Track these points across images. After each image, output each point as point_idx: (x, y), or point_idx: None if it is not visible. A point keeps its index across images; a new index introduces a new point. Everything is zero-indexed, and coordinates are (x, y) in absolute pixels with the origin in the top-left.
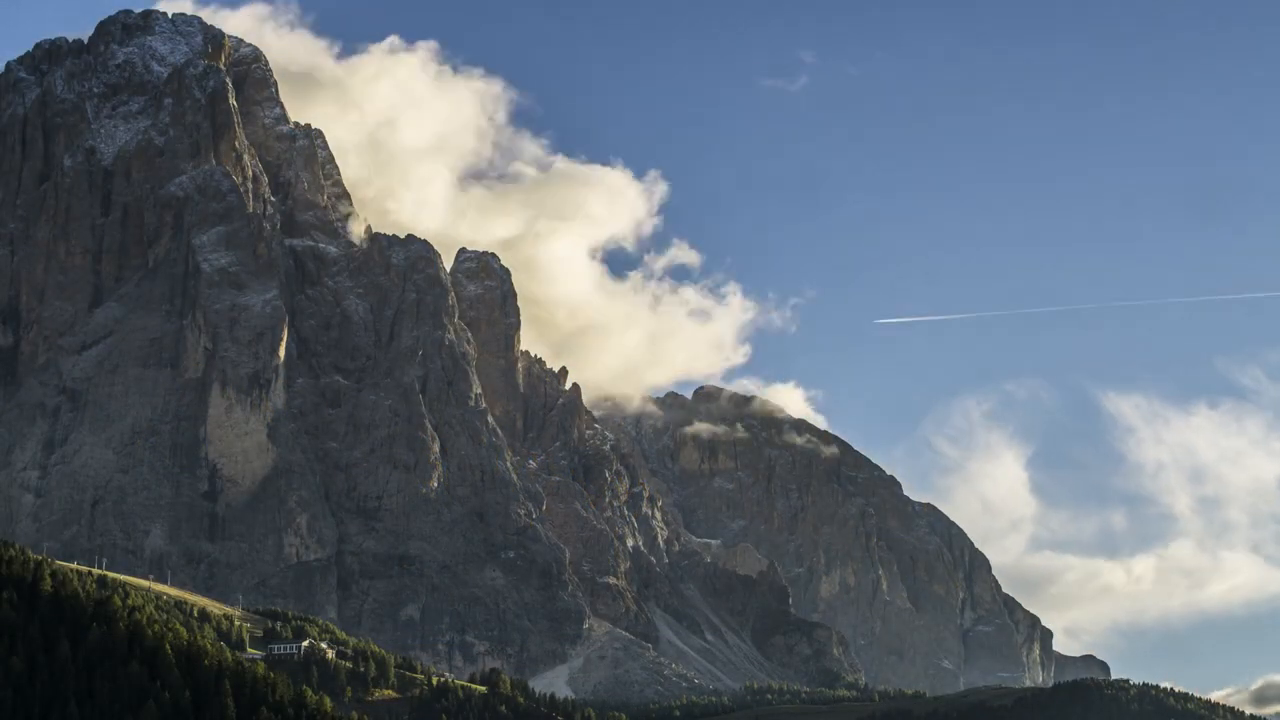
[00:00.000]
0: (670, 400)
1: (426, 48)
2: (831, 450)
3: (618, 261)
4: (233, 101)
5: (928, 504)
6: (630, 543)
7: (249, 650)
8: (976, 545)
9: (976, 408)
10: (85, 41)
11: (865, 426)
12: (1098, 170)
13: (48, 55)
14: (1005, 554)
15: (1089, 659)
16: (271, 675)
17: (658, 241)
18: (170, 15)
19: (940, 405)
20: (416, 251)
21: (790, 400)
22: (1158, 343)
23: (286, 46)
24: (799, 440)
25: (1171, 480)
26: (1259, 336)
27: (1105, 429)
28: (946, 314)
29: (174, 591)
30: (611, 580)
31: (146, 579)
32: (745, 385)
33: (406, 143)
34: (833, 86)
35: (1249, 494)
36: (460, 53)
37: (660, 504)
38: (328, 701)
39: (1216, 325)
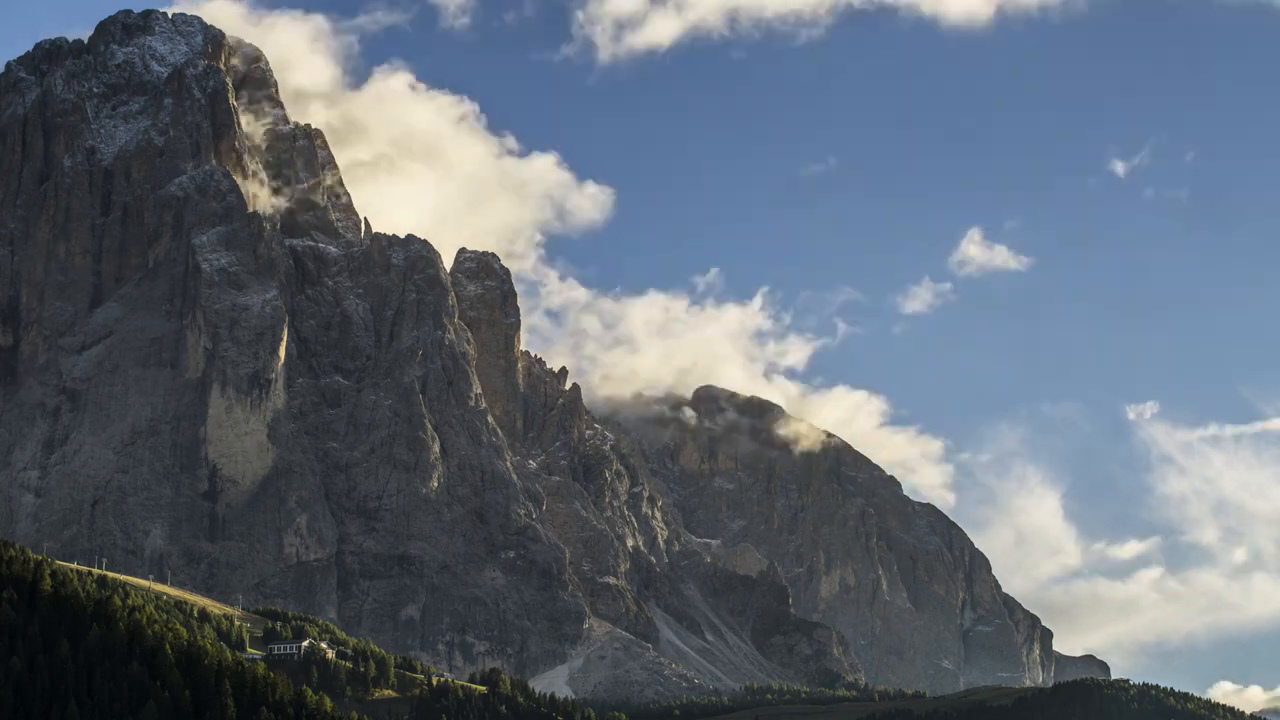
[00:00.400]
0: (670, 400)
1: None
2: (831, 450)
3: None
4: (233, 101)
5: (928, 504)
6: (630, 543)
7: (249, 650)
8: (1010, 570)
9: (1010, 432)
10: (85, 41)
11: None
12: (1124, 194)
13: (48, 55)
14: (1035, 581)
15: (1089, 659)
16: (271, 675)
17: None
18: (170, 15)
19: (975, 428)
20: (416, 251)
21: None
22: (1182, 369)
23: None
24: (799, 440)
25: (1196, 511)
26: None
27: (1135, 457)
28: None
29: (174, 591)
30: (611, 580)
31: (146, 579)
32: (747, 386)
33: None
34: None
35: (1274, 525)
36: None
37: (660, 504)
38: (328, 701)
39: (1241, 352)
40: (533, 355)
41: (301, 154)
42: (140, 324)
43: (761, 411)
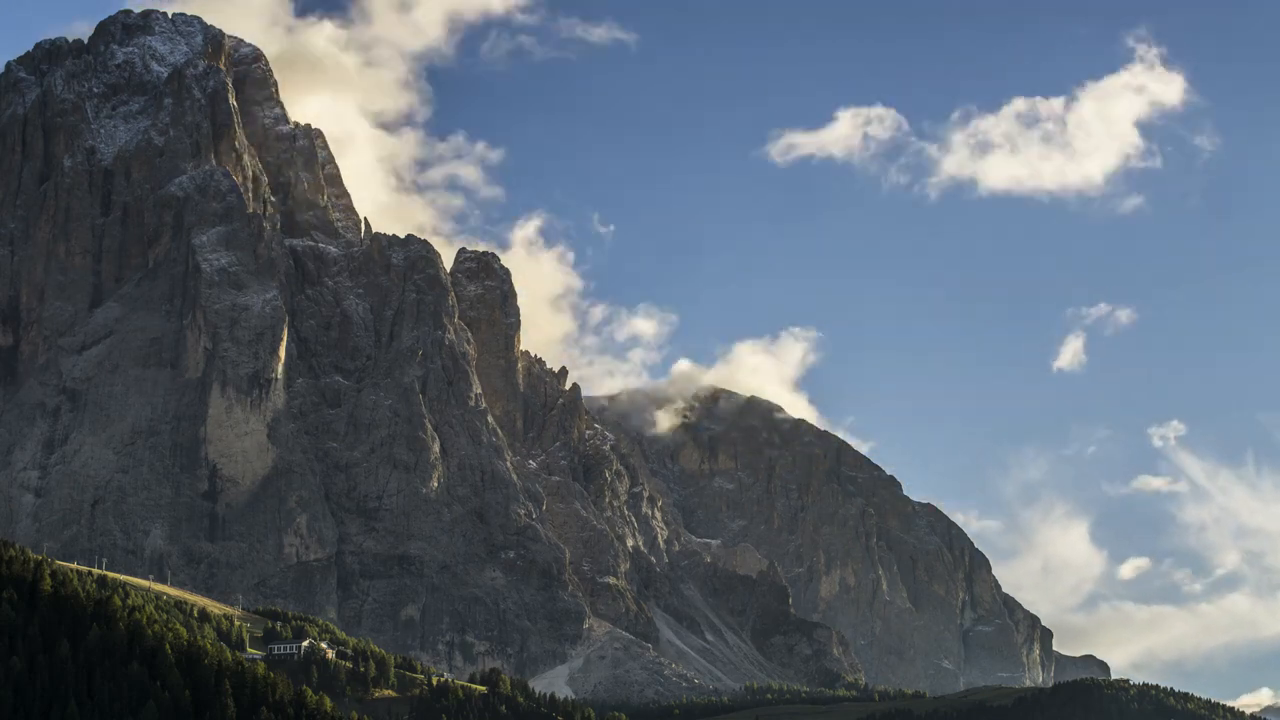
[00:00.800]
0: (670, 400)
1: None
2: (831, 450)
3: None
4: (233, 101)
5: (928, 504)
6: (630, 543)
7: (249, 650)
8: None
9: (1039, 458)
10: (85, 41)
11: (932, 474)
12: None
13: (48, 55)
14: (1064, 609)
15: (1089, 659)
16: (271, 675)
17: None
18: (170, 15)
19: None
20: (416, 251)
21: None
22: (1206, 398)
23: None
24: (799, 440)
25: (1216, 538)
26: None
27: (1161, 488)
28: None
29: (174, 591)
30: (611, 580)
31: (146, 579)
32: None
33: None
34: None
35: None
36: None
37: (660, 504)
38: (328, 701)
39: (1262, 382)
40: (533, 355)
41: (301, 154)
42: (140, 324)
43: (761, 411)
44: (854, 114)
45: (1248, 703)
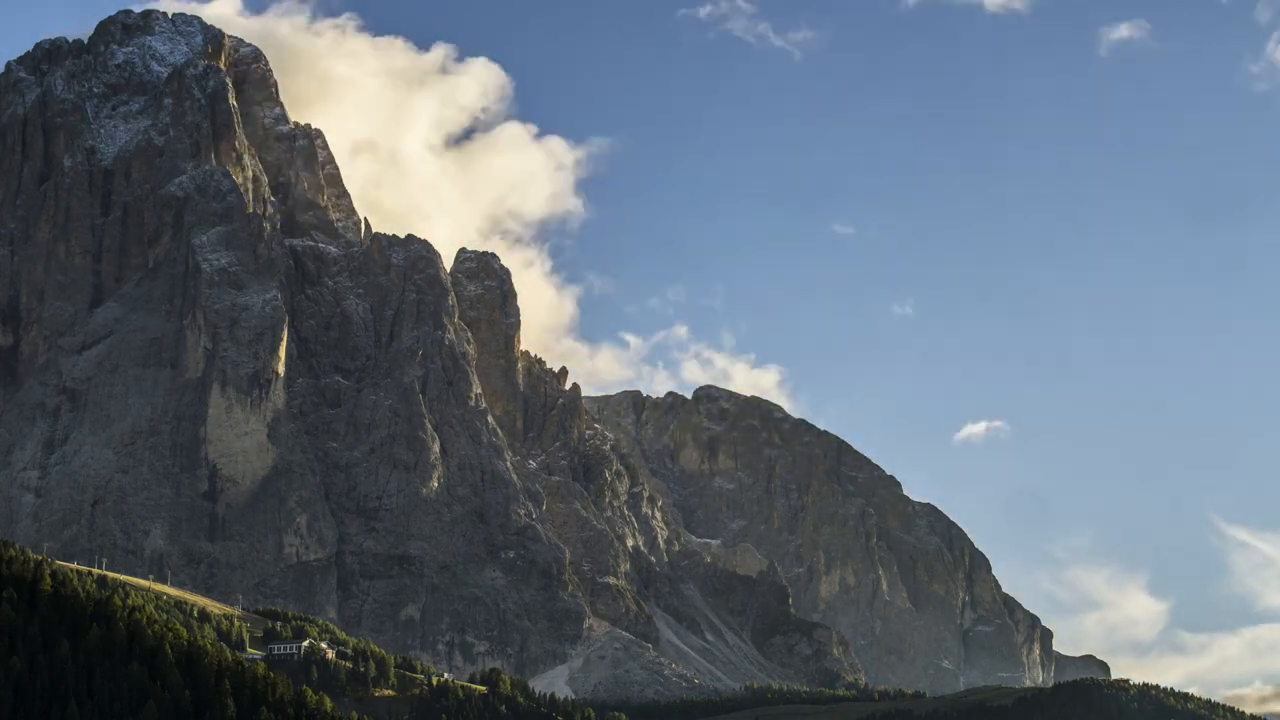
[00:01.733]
0: (670, 400)
1: None
2: (831, 450)
3: None
4: (233, 101)
5: (928, 504)
6: (630, 543)
7: (249, 650)
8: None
9: (1089, 527)
10: (85, 41)
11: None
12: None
13: (48, 55)
14: (1116, 645)
15: (1089, 659)
16: (271, 675)
17: None
18: (170, 15)
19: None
20: (416, 251)
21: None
22: (1249, 462)
23: None
24: (799, 440)
25: (1258, 583)
26: None
27: (1212, 547)
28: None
29: (174, 591)
30: (611, 580)
31: (146, 579)
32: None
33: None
34: None
35: None
36: None
37: (660, 504)
38: (328, 701)
39: None
40: (533, 355)
41: (301, 154)
42: (140, 324)
43: (761, 412)
44: None
45: None
